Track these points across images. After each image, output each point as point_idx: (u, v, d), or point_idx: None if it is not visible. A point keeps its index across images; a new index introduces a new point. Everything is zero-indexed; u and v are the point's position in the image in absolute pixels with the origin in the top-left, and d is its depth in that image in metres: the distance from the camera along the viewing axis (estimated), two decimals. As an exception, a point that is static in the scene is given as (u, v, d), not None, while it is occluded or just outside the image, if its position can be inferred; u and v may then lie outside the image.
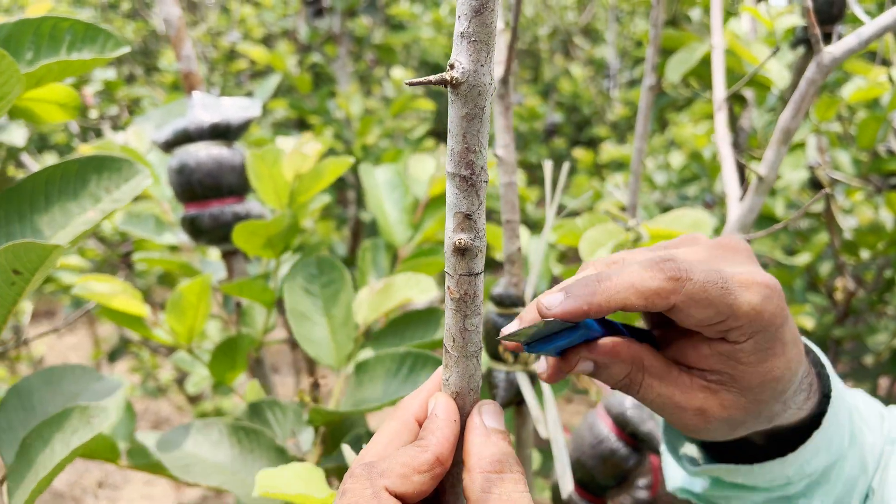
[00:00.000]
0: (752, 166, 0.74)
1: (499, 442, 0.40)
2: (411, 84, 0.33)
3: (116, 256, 2.46)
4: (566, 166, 0.63)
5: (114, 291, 0.82)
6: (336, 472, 0.76)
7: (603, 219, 0.87)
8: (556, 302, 0.40)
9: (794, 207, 2.23)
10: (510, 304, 0.73)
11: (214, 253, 1.31)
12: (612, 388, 0.45)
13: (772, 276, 0.42)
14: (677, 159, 3.12)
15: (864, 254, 1.98)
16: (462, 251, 0.38)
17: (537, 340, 0.42)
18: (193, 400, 2.76)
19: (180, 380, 2.73)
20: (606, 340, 0.43)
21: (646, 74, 1.09)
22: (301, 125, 3.01)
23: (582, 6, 5.00)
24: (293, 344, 2.86)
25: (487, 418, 0.41)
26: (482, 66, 0.34)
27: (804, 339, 0.51)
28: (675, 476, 0.59)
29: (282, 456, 0.71)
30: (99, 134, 2.77)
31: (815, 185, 2.06)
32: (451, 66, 0.34)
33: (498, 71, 0.71)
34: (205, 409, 2.58)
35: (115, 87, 2.33)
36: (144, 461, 0.89)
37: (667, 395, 0.43)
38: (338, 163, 0.85)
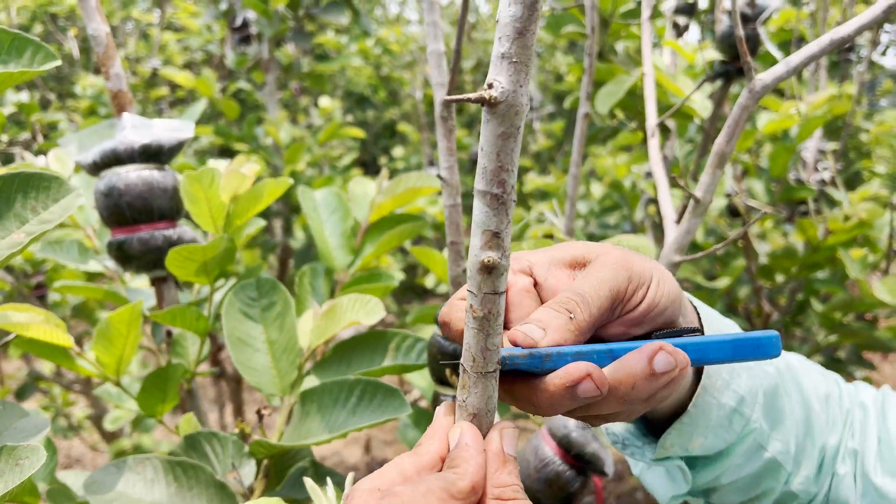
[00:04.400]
0: (688, 189, 0.76)
1: (513, 470, 0.41)
2: (450, 101, 0.35)
3: (27, 288, 2.33)
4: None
5: (34, 321, 0.77)
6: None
7: (547, 242, 0.88)
8: (539, 336, 0.43)
9: (713, 233, 2.31)
10: (457, 326, 0.72)
11: (137, 281, 1.25)
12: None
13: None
14: (598, 189, 3.21)
15: (779, 277, 2.07)
16: (489, 269, 0.38)
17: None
18: (110, 438, 2.62)
19: (97, 417, 2.59)
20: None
21: (581, 103, 1.12)
22: (224, 153, 2.94)
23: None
24: (217, 377, 2.77)
25: (507, 444, 0.41)
26: (521, 86, 0.35)
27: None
28: (663, 494, 0.64)
29: (223, 492, 0.67)
30: (8, 160, 2.64)
31: (732, 212, 2.15)
32: (490, 86, 0.35)
33: (441, 93, 0.71)
34: (122, 446, 2.46)
35: (29, 111, 2.23)
36: (67, 503, 0.84)
37: None
38: (277, 184, 0.83)
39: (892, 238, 1.98)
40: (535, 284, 0.48)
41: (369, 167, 5.22)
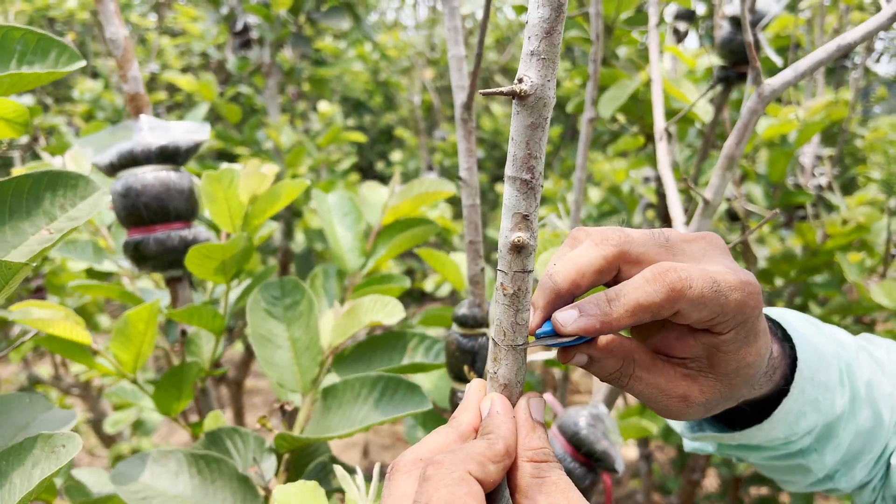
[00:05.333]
0: (698, 191, 0.77)
1: (542, 434, 0.43)
2: (484, 94, 0.39)
3: (26, 291, 2.33)
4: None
5: (56, 317, 0.78)
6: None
7: (555, 242, 0.89)
8: (570, 320, 0.43)
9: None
10: (474, 324, 0.74)
11: (140, 282, 1.26)
12: (603, 380, 0.48)
13: (749, 273, 0.46)
14: (595, 194, 3.24)
15: (779, 281, 2.09)
16: (519, 249, 0.41)
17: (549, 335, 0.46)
18: (108, 442, 2.62)
19: (95, 421, 2.59)
20: (603, 338, 0.46)
21: (586, 108, 1.14)
22: (222, 157, 2.95)
23: (501, 46, 5.14)
24: (218, 379, 2.77)
25: (534, 411, 0.44)
26: (548, 80, 0.38)
27: (782, 311, 0.61)
28: (687, 442, 0.68)
29: (245, 485, 0.68)
30: (7, 164, 2.63)
31: (731, 216, 2.17)
32: (520, 80, 0.38)
33: (461, 96, 0.72)
34: (121, 450, 2.46)
35: (32, 114, 2.23)
36: (83, 499, 0.85)
37: (653, 384, 0.47)
38: (294, 185, 0.84)
39: (890, 242, 2.00)
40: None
41: (366, 172, 5.23)
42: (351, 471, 0.61)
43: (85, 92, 3.18)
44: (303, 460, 0.74)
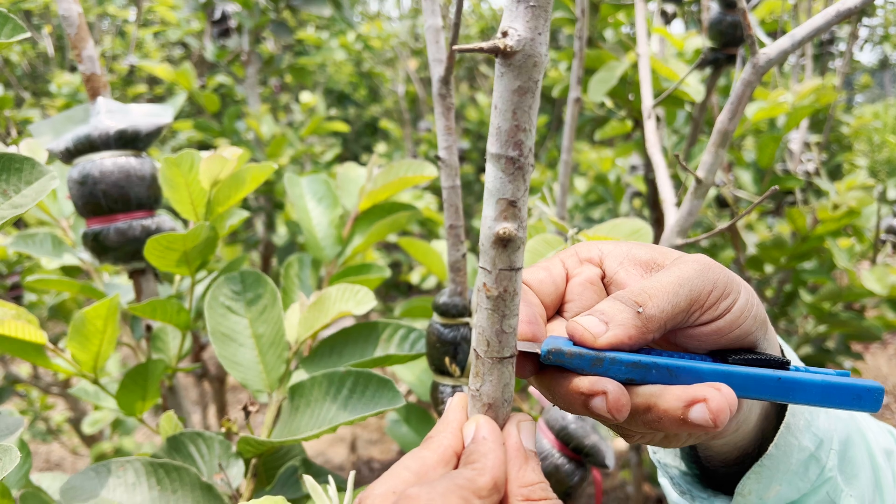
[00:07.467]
0: (690, 170, 0.73)
1: (536, 467, 0.37)
2: (460, 51, 0.31)
3: (2, 289, 2.27)
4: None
5: (5, 316, 0.73)
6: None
7: (541, 229, 0.85)
8: (601, 329, 0.39)
9: (700, 224, 2.30)
10: (456, 313, 0.69)
11: (118, 277, 1.21)
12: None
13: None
14: (581, 184, 3.20)
15: (768, 268, 2.05)
16: (504, 242, 0.34)
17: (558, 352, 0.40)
18: (90, 441, 2.56)
19: (76, 420, 2.53)
20: None
21: (571, 88, 1.09)
22: (202, 148, 2.88)
23: (486, 36, 5.09)
24: (200, 377, 2.71)
25: (525, 438, 0.38)
26: (539, 34, 0.31)
27: None
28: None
29: (209, 494, 0.63)
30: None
31: (720, 202, 2.14)
32: (504, 34, 0.31)
33: (438, 70, 0.67)
34: (103, 449, 2.40)
35: (2, 105, 2.16)
36: (41, 506, 0.79)
37: None
38: (260, 168, 0.79)
39: (879, 227, 1.97)
40: (603, 277, 0.45)
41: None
42: (322, 473, 0.56)
43: (63, 86, 3.10)
44: (272, 464, 0.69)
